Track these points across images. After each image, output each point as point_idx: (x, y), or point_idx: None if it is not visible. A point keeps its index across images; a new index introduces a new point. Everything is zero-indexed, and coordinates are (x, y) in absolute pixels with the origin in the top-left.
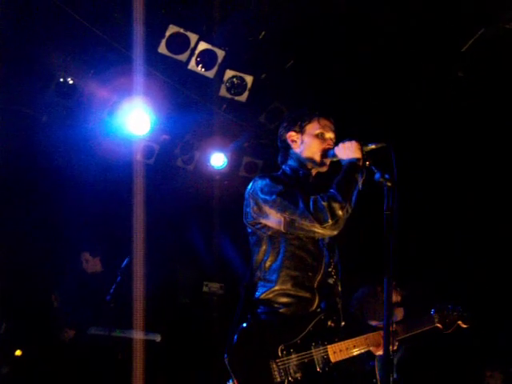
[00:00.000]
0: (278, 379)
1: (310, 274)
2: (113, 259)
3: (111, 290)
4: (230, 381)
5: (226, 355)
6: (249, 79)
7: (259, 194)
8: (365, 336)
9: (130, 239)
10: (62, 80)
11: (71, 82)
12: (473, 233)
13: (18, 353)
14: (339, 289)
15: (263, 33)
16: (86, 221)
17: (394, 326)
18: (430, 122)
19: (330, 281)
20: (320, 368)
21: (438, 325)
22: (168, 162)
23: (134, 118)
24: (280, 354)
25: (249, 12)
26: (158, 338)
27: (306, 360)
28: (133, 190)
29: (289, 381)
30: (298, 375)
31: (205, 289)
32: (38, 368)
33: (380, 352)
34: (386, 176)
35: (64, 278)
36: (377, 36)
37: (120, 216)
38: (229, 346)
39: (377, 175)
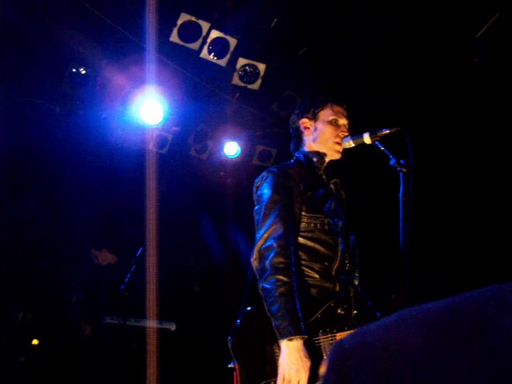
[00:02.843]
0: None
1: (326, 263)
2: (126, 249)
3: (126, 280)
4: (232, 363)
5: (229, 337)
6: (261, 67)
7: (258, 199)
8: None
9: (144, 229)
10: (74, 70)
11: (84, 72)
12: (489, 225)
13: (35, 342)
14: (354, 276)
15: (275, 20)
16: (98, 211)
17: None
18: (444, 107)
19: (346, 268)
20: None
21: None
22: (181, 152)
23: (147, 108)
24: None
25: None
26: (172, 327)
27: (312, 347)
28: (146, 179)
29: None
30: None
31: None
32: (53, 357)
33: None
34: (402, 161)
35: (80, 272)
36: (390, 21)
37: (133, 206)
38: (232, 329)
39: (392, 161)
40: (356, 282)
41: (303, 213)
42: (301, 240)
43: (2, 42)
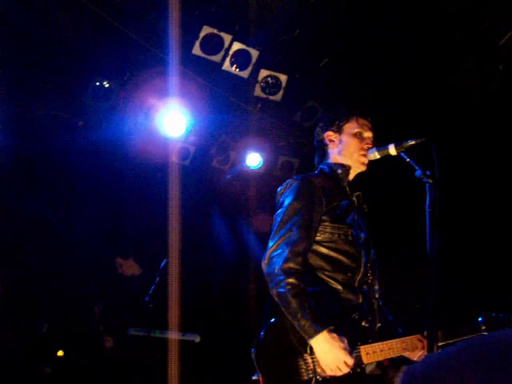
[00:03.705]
0: (305, 377)
1: (350, 274)
2: (150, 260)
3: (150, 291)
4: (256, 375)
5: (252, 349)
6: (283, 78)
7: (280, 205)
8: (401, 339)
9: (167, 240)
10: (97, 84)
11: (107, 85)
12: None
13: (60, 353)
14: (376, 289)
15: (297, 31)
16: (122, 222)
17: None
18: (470, 116)
19: (368, 280)
20: (351, 368)
21: (485, 334)
22: (203, 163)
23: (170, 120)
24: (309, 352)
25: (282, 11)
26: (196, 339)
27: None
28: (169, 191)
29: (317, 380)
30: (327, 375)
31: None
32: (79, 368)
33: (415, 357)
34: (428, 172)
35: (104, 283)
36: (414, 32)
37: (156, 217)
38: (256, 341)
39: (418, 172)
40: (377, 295)
41: (327, 223)
42: (324, 250)
43: (26, 55)
